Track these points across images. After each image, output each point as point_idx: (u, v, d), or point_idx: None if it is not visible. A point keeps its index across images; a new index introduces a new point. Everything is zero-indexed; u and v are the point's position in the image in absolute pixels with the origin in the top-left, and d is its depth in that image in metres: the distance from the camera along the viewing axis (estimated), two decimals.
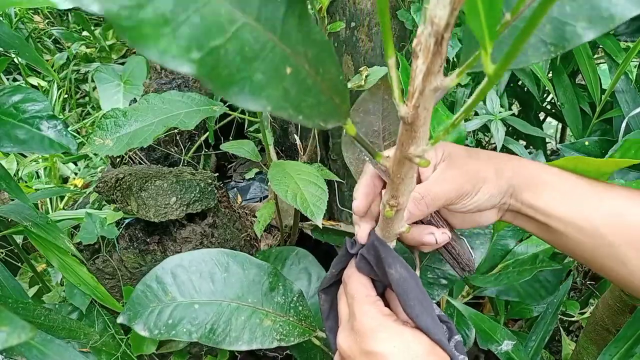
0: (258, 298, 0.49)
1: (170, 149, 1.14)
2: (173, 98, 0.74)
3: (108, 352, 0.81)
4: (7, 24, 1.12)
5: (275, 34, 0.20)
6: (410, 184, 0.31)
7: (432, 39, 0.21)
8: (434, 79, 0.23)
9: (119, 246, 0.82)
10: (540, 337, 0.72)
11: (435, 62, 0.22)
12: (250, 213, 1.16)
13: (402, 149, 0.28)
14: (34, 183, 1.37)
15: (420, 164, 0.27)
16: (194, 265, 0.48)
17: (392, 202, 0.32)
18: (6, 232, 0.76)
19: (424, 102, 0.24)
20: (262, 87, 0.19)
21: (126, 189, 0.79)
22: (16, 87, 0.58)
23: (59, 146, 0.56)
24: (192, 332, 0.45)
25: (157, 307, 0.46)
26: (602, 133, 1.10)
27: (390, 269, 0.36)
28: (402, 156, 0.28)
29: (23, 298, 0.71)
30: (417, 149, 0.27)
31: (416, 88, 0.24)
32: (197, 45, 0.17)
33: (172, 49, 0.17)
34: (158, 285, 0.47)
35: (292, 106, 0.21)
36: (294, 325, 0.49)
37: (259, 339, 0.46)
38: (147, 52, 0.16)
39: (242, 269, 0.49)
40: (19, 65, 1.77)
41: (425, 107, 0.25)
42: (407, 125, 0.26)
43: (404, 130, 0.26)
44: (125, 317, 0.46)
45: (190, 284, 0.48)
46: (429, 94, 0.24)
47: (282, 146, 1.26)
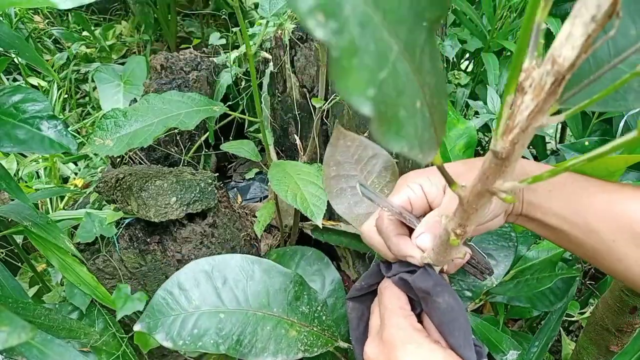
0: (283, 307, 0.47)
1: (171, 149, 1.14)
2: (173, 98, 0.74)
3: (108, 352, 0.81)
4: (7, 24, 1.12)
5: (413, 63, 0.18)
6: (482, 216, 0.31)
7: (551, 78, 0.20)
8: (541, 118, 0.22)
9: (119, 246, 0.82)
10: (543, 342, 0.72)
11: (549, 101, 0.21)
12: (250, 213, 1.16)
13: (487, 182, 0.27)
14: (34, 183, 1.37)
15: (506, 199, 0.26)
16: (218, 271, 0.46)
17: (459, 230, 0.32)
18: (6, 232, 0.76)
19: (523, 139, 0.23)
20: (403, 125, 0.17)
21: (126, 189, 0.79)
22: (16, 87, 0.58)
23: (59, 146, 0.56)
24: (220, 344, 0.43)
25: (180, 316, 0.44)
26: (602, 133, 1.10)
27: (438, 297, 0.35)
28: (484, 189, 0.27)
29: (23, 298, 0.71)
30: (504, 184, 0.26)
31: (517, 124, 0.23)
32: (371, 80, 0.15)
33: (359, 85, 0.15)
34: (180, 291, 0.45)
35: (420, 144, 0.19)
36: (317, 335, 0.47)
37: (284, 349, 0.44)
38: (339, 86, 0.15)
39: (268, 277, 0.48)
40: (19, 65, 1.77)
41: (523, 144, 0.24)
42: (499, 160, 0.25)
43: (492, 164, 0.25)
44: (145, 325, 0.43)
45: (214, 291, 0.46)
46: (531, 131, 0.23)
47: (282, 146, 1.27)
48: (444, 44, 1.04)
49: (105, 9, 2.24)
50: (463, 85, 1.13)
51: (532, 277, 0.72)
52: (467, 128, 0.80)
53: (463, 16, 1.17)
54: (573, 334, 1.16)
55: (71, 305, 0.81)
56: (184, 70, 1.22)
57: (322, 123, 1.09)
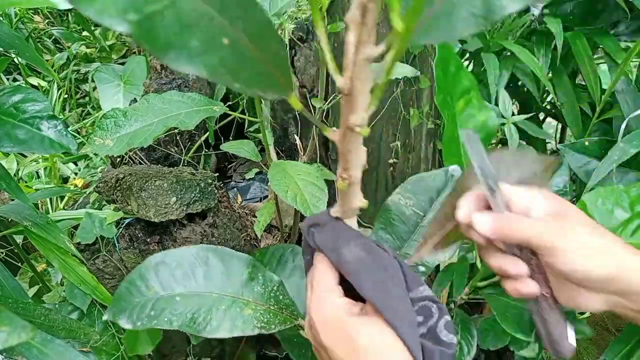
0: (238, 288, 0.50)
1: (171, 149, 1.14)
2: (173, 98, 0.74)
3: (108, 352, 0.81)
4: (7, 24, 1.12)
5: (214, 8, 0.21)
6: (359, 157, 0.33)
7: (359, 11, 0.24)
8: (365, 49, 0.25)
9: (119, 246, 0.82)
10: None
11: (363, 32, 0.24)
12: (250, 213, 1.16)
13: (345, 120, 0.30)
14: (34, 183, 1.37)
15: (361, 132, 0.29)
16: (175, 261, 0.50)
17: (344, 175, 0.34)
18: (6, 232, 0.76)
19: (358, 72, 0.26)
20: (198, 54, 0.21)
21: (126, 189, 0.79)
22: (16, 87, 0.58)
23: (59, 146, 0.56)
24: (173, 321, 0.47)
25: (140, 302, 0.48)
26: (602, 133, 1.10)
27: (343, 249, 0.35)
28: (345, 127, 0.30)
29: (23, 298, 0.71)
30: (357, 118, 0.29)
31: (350, 59, 0.26)
32: (134, 8, 0.19)
33: (109, 9, 0.18)
34: (141, 281, 0.49)
35: (230, 74, 0.23)
36: (274, 313, 0.50)
37: (239, 326, 0.47)
38: (85, 10, 0.18)
39: (222, 262, 0.51)
40: (19, 65, 1.77)
41: (360, 78, 0.27)
42: (346, 96, 0.28)
43: (344, 102, 0.28)
44: (110, 314, 0.48)
45: (172, 278, 0.49)
46: (362, 63, 0.26)
47: (282, 146, 1.26)
48: None
49: None
50: None
51: None
52: (487, 119, 0.74)
53: None
54: None
55: (71, 305, 0.81)
56: None
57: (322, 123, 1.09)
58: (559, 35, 1.04)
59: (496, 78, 1.09)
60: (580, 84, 1.26)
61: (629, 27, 1.11)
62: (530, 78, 1.15)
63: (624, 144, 0.87)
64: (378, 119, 1.03)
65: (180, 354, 0.96)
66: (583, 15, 1.11)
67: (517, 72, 1.15)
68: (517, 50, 1.05)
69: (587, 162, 0.99)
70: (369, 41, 0.25)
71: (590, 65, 1.07)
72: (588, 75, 1.07)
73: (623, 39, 1.12)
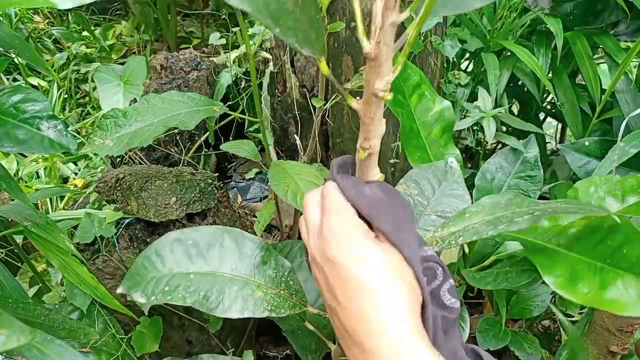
0: (250, 270, 0.51)
1: (170, 149, 1.14)
2: (173, 98, 0.74)
3: (108, 352, 0.81)
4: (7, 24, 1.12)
5: None
6: (380, 126, 0.33)
7: None
8: (391, 15, 0.27)
9: (119, 246, 0.82)
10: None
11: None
12: (250, 213, 1.16)
13: (369, 87, 0.30)
14: (34, 183, 1.37)
15: (384, 97, 0.30)
16: (191, 240, 0.51)
17: (365, 144, 0.34)
18: (6, 232, 0.76)
19: (384, 37, 0.28)
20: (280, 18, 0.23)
21: (126, 189, 0.79)
22: (16, 87, 0.58)
23: (59, 146, 0.56)
24: (187, 298, 0.47)
25: (155, 277, 0.48)
26: (602, 133, 1.10)
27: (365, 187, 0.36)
28: (369, 94, 0.31)
29: (23, 298, 0.71)
30: (381, 82, 0.30)
31: (377, 25, 0.27)
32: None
33: None
34: (157, 257, 0.49)
35: (272, 18, 0.24)
36: (284, 298, 0.51)
37: (250, 308, 0.48)
38: None
39: (236, 244, 0.52)
40: (19, 65, 1.77)
41: (387, 43, 0.28)
42: (371, 61, 0.29)
43: (368, 67, 0.29)
44: (124, 287, 0.48)
45: (187, 256, 0.50)
46: (388, 28, 0.27)
47: (282, 146, 1.26)
48: (444, 44, 1.03)
49: (105, 9, 2.24)
50: (463, 85, 1.13)
51: (511, 269, 0.70)
52: (443, 109, 0.75)
53: (463, 16, 1.17)
54: None
55: (71, 305, 0.81)
56: (184, 70, 1.22)
57: (322, 123, 1.09)
58: (559, 35, 1.04)
59: (496, 78, 1.09)
60: (580, 84, 1.26)
61: (629, 27, 1.11)
62: (530, 78, 1.15)
63: (624, 144, 0.87)
64: None
65: (180, 353, 0.96)
66: (583, 15, 1.11)
67: (517, 72, 1.15)
68: (517, 50, 1.05)
69: (587, 162, 0.99)
70: (395, 7, 0.27)
71: (590, 65, 1.07)
72: (588, 75, 1.07)
73: (623, 39, 1.12)
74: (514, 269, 0.70)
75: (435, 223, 0.56)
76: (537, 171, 0.80)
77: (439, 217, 0.56)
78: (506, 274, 0.70)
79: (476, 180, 0.81)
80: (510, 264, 0.71)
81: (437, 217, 0.56)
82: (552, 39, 1.09)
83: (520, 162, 0.82)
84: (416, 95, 0.76)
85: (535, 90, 1.16)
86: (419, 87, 0.76)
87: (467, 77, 1.14)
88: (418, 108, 0.76)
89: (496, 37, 1.14)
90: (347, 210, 0.35)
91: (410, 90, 0.76)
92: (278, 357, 1.06)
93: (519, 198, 0.47)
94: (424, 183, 0.59)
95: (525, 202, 0.46)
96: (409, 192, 0.58)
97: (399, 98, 0.76)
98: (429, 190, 0.59)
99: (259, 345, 1.09)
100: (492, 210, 0.48)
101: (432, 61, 1.05)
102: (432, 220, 0.56)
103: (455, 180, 0.59)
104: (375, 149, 0.35)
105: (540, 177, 0.79)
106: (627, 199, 0.60)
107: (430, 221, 0.56)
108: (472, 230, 0.47)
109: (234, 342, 1.00)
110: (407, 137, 0.75)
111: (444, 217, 0.56)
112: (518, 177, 0.80)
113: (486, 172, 0.82)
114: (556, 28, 1.04)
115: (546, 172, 1.33)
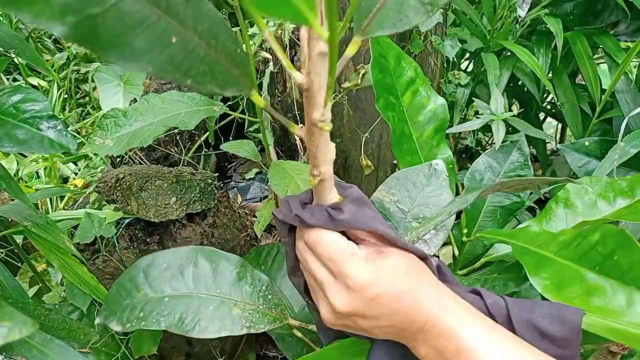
0: (226, 288, 0.51)
1: (170, 149, 1.14)
2: (173, 98, 0.74)
3: (108, 353, 0.81)
4: (7, 24, 1.12)
5: (160, 8, 0.22)
6: (328, 152, 0.33)
7: None
8: (317, 44, 0.26)
9: (119, 246, 0.82)
10: None
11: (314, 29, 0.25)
12: (250, 213, 1.16)
13: (308, 117, 0.30)
14: (34, 183, 1.36)
15: (323, 127, 0.30)
16: (165, 263, 0.50)
17: (314, 171, 0.34)
18: (6, 232, 0.76)
19: (314, 67, 0.27)
20: (142, 52, 0.21)
21: (126, 189, 0.79)
22: (16, 87, 0.58)
23: (59, 146, 0.56)
24: (161, 322, 0.47)
25: (130, 304, 0.48)
26: (602, 133, 1.10)
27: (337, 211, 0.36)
28: (309, 124, 0.30)
29: (23, 298, 0.71)
30: (318, 113, 0.29)
31: (305, 55, 0.27)
32: (72, 11, 0.18)
33: (45, 12, 0.18)
34: (131, 284, 0.49)
35: (180, 71, 0.23)
36: (263, 313, 0.50)
37: (228, 327, 0.48)
38: (20, 14, 0.18)
39: (210, 262, 0.52)
40: (19, 65, 1.77)
41: (317, 73, 0.27)
42: (305, 92, 0.28)
43: (305, 97, 0.29)
44: (101, 317, 0.48)
45: (161, 280, 0.50)
46: (316, 58, 0.26)
47: (282, 146, 1.26)
48: (444, 44, 1.03)
49: None
50: (463, 85, 1.13)
51: (499, 276, 0.67)
52: (437, 107, 0.71)
53: (463, 16, 1.17)
54: None
55: (71, 305, 0.81)
56: None
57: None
58: (559, 35, 1.04)
59: (496, 78, 1.09)
60: (580, 84, 1.26)
61: (629, 27, 1.11)
62: (530, 78, 1.15)
63: (624, 144, 0.87)
64: (378, 119, 1.03)
65: (180, 354, 0.96)
66: (583, 15, 1.11)
67: (517, 72, 1.15)
68: (517, 50, 1.05)
69: (587, 162, 0.99)
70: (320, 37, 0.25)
71: (590, 65, 1.07)
72: (588, 75, 1.07)
73: (623, 39, 1.12)
74: (502, 276, 0.67)
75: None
76: (527, 170, 0.79)
77: (420, 223, 0.54)
78: (493, 281, 0.68)
79: (465, 181, 0.80)
80: (499, 271, 0.69)
81: (418, 224, 0.54)
82: (552, 39, 1.09)
83: (510, 161, 0.81)
84: (409, 93, 0.72)
85: (535, 90, 1.16)
86: (413, 82, 0.71)
87: (467, 77, 1.14)
88: (411, 107, 0.72)
89: (496, 37, 1.15)
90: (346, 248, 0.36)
91: (404, 88, 0.72)
92: (278, 357, 1.06)
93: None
94: (403, 189, 0.56)
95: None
96: (388, 199, 0.56)
97: (390, 100, 0.71)
98: (410, 196, 0.56)
99: (259, 345, 1.09)
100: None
101: (432, 61, 1.05)
102: (413, 227, 0.54)
103: (440, 184, 0.57)
104: (327, 175, 0.34)
105: (531, 176, 0.79)
106: (618, 201, 0.59)
107: (411, 228, 0.54)
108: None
109: (234, 342, 1.00)
110: (398, 141, 0.71)
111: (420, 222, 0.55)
112: (507, 177, 0.80)
113: (475, 172, 0.80)
114: (556, 28, 1.04)
115: (546, 172, 1.33)
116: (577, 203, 0.61)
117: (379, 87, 0.69)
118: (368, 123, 1.04)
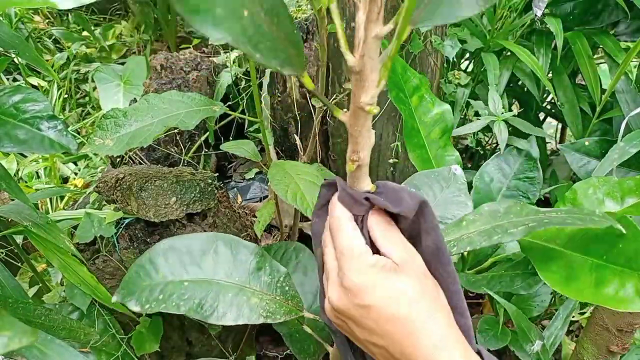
0: (245, 277, 0.51)
1: (170, 149, 1.14)
2: (173, 98, 0.74)
3: (108, 352, 0.81)
4: (7, 24, 1.12)
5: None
6: (369, 138, 0.33)
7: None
8: (374, 27, 0.26)
9: (119, 246, 0.82)
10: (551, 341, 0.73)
11: (373, 10, 0.26)
12: (250, 213, 1.16)
13: (355, 100, 0.30)
14: (34, 183, 1.36)
15: (370, 110, 0.30)
16: (185, 247, 0.50)
17: (354, 156, 0.34)
18: (6, 232, 0.76)
19: (368, 50, 0.27)
20: (222, 20, 0.23)
21: (126, 189, 0.79)
22: (16, 87, 0.58)
23: (59, 146, 0.56)
24: (181, 306, 0.47)
25: (149, 286, 0.48)
26: (602, 133, 1.10)
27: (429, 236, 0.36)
28: (355, 107, 0.30)
29: (23, 298, 0.71)
30: (367, 96, 0.29)
31: (360, 38, 0.27)
32: None
33: None
34: (150, 265, 0.49)
35: (251, 44, 0.24)
36: (280, 303, 0.50)
37: (245, 315, 0.48)
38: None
39: (230, 250, 0.52)
40: (19, 65, 1.77)
41: (371, 56, 0.27)
42: (356, 74, 0.28)
43: (354, 80, 0.29)
44: (119, 296, 0.48)
45: (181, 264, 0.50)
46: (371, 41, 0.27)
47: (282, 146, 1.26)
48: (444, 44, 1.03)
49: (105, 9, 2.23)
50: (463, 85, 1.13)
51: (505, 273, 0.69)
52: (443, 112, 0.77)
53: None
54: (573, 334, 1.16)
55: (71, 305, 0.81)
56: (184, 70, 1.22)
57: (322, 123, 1.09)
58: (559, 35, 1.04)
59: (496, 78, 1.09)
60: (580, 84, 1.26)
61: (629, 27, 1.11)
62: (530, 78, 1.15)
63: (624, 144, 0.87)
64: (378, 119, 1.03)
65: (180, 354, 0.96)
66: (583, 15, 1.11)
67: (517, 72, 1.15)
68: (517, 50, 1.05)
69: (587, 162, 0.99)
70: (378, 20, 0.26)
71: (590, 65, 1.07)
72: (588, 75, 1.07)
73: (623, 39, 1.12)
74: (509, 272, 0.69)
75: None
76: (536, 172, 0.80)
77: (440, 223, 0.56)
78: (500, 278, 0.69)
79: (474, 182, 0.81)
80: (506, 268, 0.70)
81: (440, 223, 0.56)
82: (552, 39, 1.09)
83: (520, 163, 0.81)
84: (416, 97, 0.78)
85: (535, 90, 1.16)
86: (419, 89, 0.78)
87: (467, 77, 1.14)
88: (418, 109, 0.78)
89: (496, 37, 1.14)
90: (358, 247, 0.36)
91: (411, 91, 0.78)
92: (278, 357, 1.06)
93: (518, 206, 0.47)
94: (426, 189, 0.59)
95: (524, 210, 0.46)
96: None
97: (400, 96, 0.77)
98: (430, 196, 0.59)
99: (259, 345, 1.09)
100: (489, 220, 0.48)
101: (432, 61, 1.05)
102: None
103: (458, 187, 0.60)
104: (365, 161, 0.34)
105: (540, 179, 0.79)
106: (626, 200, 0.60)
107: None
108: (466, 240, 0.47)
109: (234, 342, 1.01)
110: (408, 134, 0.77)
111: (444, 224, 0.56)
112: (517, 179, 0.80)
113: (484, 173, 0.81)
114: (556, 28, 1.04)
115: (546, 172, 1.33)
116: (585, 203, 0.61)
117: (390, 82, 0.75)
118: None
